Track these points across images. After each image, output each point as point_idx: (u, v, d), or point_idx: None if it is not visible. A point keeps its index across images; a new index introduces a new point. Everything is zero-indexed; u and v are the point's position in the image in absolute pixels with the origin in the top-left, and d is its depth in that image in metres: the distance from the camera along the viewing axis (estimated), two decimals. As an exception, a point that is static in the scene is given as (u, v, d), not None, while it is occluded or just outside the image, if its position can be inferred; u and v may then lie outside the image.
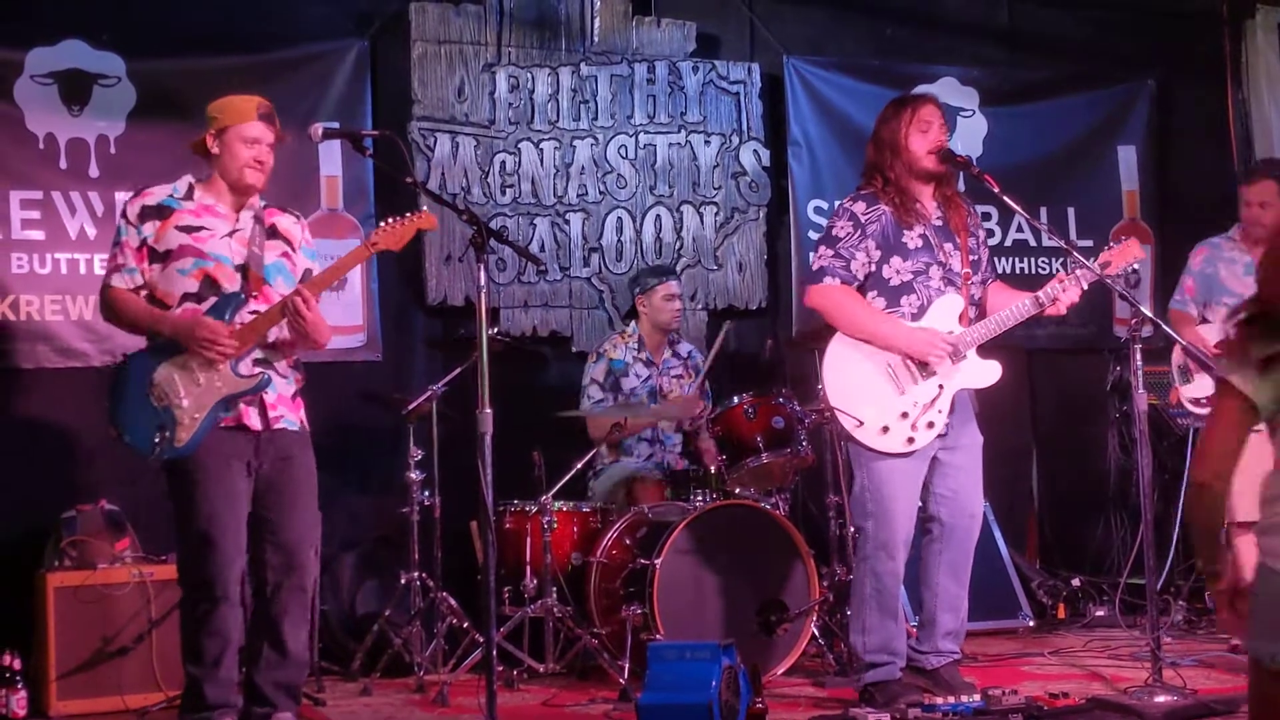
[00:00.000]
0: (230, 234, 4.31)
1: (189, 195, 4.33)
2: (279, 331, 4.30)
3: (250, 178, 4.31)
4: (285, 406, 4.32)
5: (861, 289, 4.68)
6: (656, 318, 6.09)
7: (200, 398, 4.16)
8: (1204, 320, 5.95)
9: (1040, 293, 4.62)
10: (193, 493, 4.16)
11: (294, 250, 4.45)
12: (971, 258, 4.74)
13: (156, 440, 4.12)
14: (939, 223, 4.72)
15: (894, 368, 4.61)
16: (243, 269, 4.29)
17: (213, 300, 4.22)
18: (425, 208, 6.08)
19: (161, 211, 4.28)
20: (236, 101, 4.35)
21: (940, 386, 4.62)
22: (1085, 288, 4.63)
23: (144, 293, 4.27)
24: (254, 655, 4.26)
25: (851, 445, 4.71)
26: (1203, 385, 5.83)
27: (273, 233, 4.41)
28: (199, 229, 4.27)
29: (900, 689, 4.59)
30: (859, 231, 4.65)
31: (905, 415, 4.59)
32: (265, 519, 4.26)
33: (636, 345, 6.12)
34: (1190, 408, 6.03)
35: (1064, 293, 4.58)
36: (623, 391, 6.01)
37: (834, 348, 4.68)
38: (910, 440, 4.59)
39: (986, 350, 4.70)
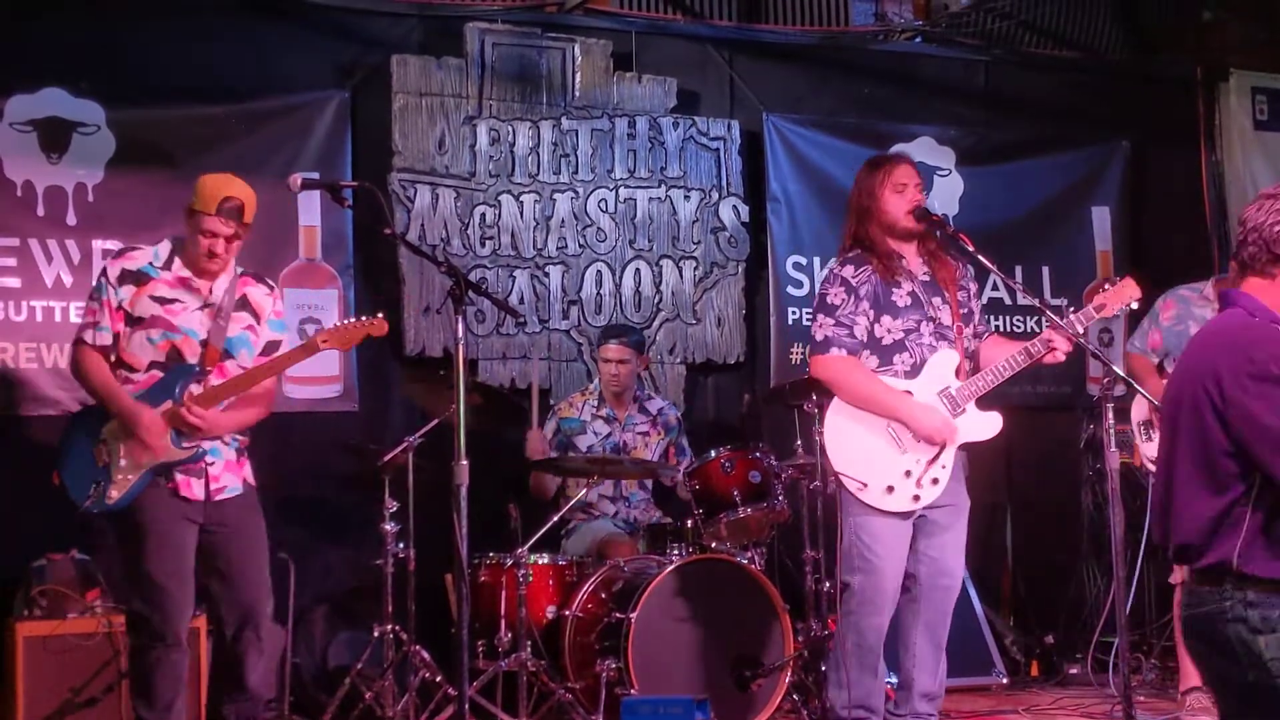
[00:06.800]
0: (203, 307, 4.40)
1: (168, 264, 4.41)
2: (229, 402, 4.42)
3: (204, 264, 4.41)
4: (230, 472, 4.44)
5: None
6: (601, 376, 6.10)
7: (136, 460, 4.28)
8: (1162, 371, 5.79)
9: (1031, 344, 4.62)
10: (142, 542, 4.28)
11: (259, 322, 4.54)
12: (962, 310, 4.75)
13: (90, 493, 4.27)
14: (926, 278, 4.74)
15: (894, 428, 4.61)
16: (205, 343, 4.36)
17: (163, 375, 4.32)
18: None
19: (139, 278, 4.38)
20: (209, 187, 4.40)
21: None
22: (1081, 331, 4.59)
23: (113, 355, 4.36)
24: (220, 690, 4.49)
25: (848, 501, 4.66)
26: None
27: (243, 304, 4.48)
28: (173, 301, 4.37)
29: (874, 748, 4.57)
30: (852, 296, 4.66)
31: (909, 474, 4.59)
32: (220, 576, 4.41)
33: (596, 401, 6.10)
34: (1151, 466, 5.59)
35: (1056, 340, 4.56)
36: (579, 450, 5.97)
37: (833, 416, 4.69)
38: (916, 498, 4.60)
39: (986, 402, 4.70)
